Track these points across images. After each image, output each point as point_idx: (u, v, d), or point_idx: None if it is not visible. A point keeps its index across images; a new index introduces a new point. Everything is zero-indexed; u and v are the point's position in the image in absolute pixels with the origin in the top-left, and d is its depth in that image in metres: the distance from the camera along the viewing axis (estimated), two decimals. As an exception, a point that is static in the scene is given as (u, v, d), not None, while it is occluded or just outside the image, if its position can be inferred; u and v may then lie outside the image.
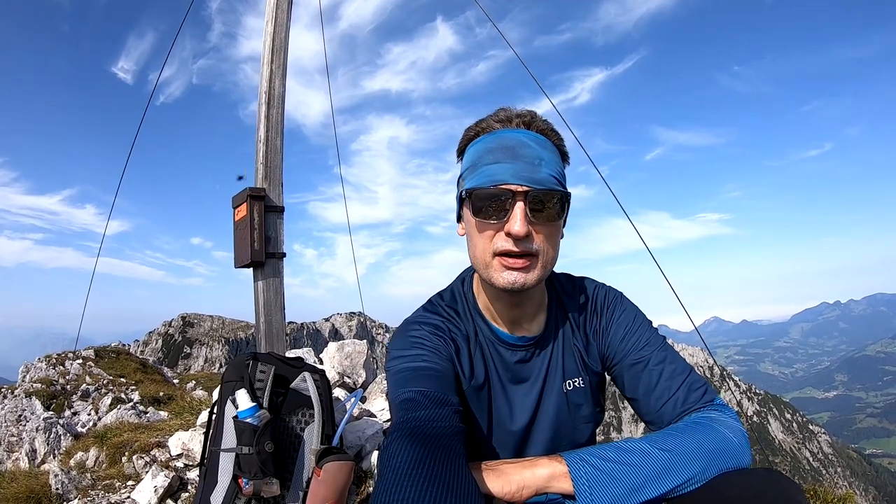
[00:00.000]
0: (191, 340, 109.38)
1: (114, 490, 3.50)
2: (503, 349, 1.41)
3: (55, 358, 11.56)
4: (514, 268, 1.22)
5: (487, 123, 1.30)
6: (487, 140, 1.26)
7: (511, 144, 1.22)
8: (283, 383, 2.31)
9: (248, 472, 2.03)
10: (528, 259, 1.22)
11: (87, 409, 8.57)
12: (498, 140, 1.24)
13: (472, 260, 1.31)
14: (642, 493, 1.07)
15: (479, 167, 1.23)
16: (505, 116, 1.29)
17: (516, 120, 1.28)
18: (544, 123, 1.29)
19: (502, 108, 1.32)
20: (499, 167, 1.20)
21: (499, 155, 1.22)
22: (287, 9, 3.94)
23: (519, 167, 1.19)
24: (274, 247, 3.59)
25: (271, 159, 3.70)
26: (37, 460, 6.54)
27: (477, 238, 1.26)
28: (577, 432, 1.46)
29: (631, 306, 1.48)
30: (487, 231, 1.23)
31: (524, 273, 1.22)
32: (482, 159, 1.24)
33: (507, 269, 1.22)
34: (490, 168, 1.21)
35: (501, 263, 1.22)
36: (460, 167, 1.35)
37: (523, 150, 1.21)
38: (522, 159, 1.20)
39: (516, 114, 1.29)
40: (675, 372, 1.33)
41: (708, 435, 1.17)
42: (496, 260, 1.23)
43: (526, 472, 1.11)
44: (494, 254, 1.23)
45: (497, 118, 1.29)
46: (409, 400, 1.14)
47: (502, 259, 1.22)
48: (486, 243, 1.24)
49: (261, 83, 3.80)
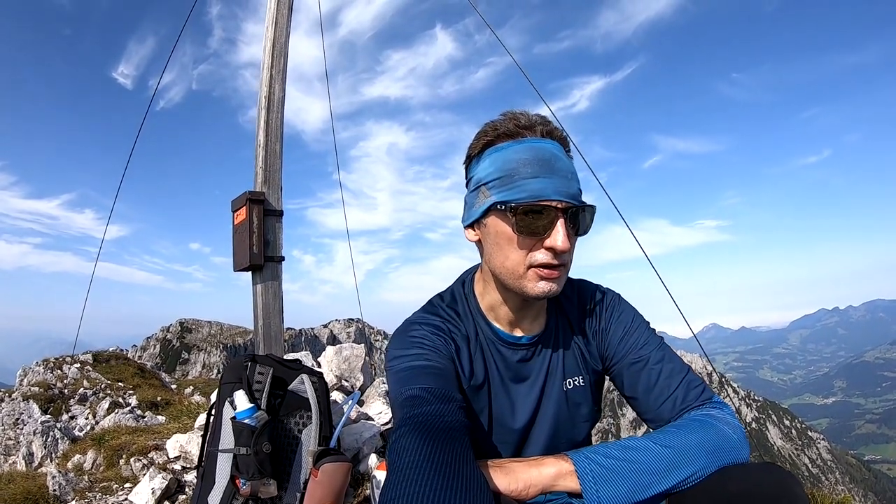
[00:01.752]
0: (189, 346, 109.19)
1: (111, 492, 3.50)
2: (504, 349, 1.42)
3: (53, 362, 11.52)
4: (549, 278, 1.24)
5: (510, 129, 1.27)
6: (519, 150, 1.24)
7: (546, 157, 1.22)
8: (282, 385, 2.32)
9: (245, 473, 2.04)
10: (559, 270, 1.24)
11: (84, 414, 8.55)
12: (532, 151, 1.22)
13: (500, 269, 1.30)
14: (648, 489, 1.09)
15: (518, 180, 1.21)
16: (527, 122, 1.27)
17: (539, 128, 1.26)
18: (559, 131, 1.29)
19: (520, 112, 1.30)
20: (540, 182, 1.19)
21: (537, 168, 1.20)
22: (287, 14, 3.96)
23: (557, 183, 1.20)
24: (273, 250, 3.60)
25: (271, 163, 3.71)
26: (34, 464, 6.53)
27: (511, 250, 1.25)
28: (575, 431, 1.47)
29: (629, 307, 1.50)
30: (525, 244, 1.23)
31: (556, 282, 1.25)
32: (519, 171, 1.21)
33: (542, 280, 1.24)
34: (531, 183, 1.20)
35: (537, 274, 1.24)
36: (478, 171, 1.31)
37: (558, 164, 1.22)
38: (559, 174, 1.21)
39: (537, 120, 1.28)
40: (674, 371, 1.35)
41: (708, 431, 1.19)
42: (531, 271, 1.24)
43: (533, 470, 1.12)
44: (529, 266, 1.24)
45: (520, 123, 1.27)
46: (414, 396, 1.14)
47: (538, 270, 1.23)
48: (521, 256, 1.24)
49: (260, 87, 3.82)
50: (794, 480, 1.06)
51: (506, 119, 1.29)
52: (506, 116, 1.30)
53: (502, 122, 1.29)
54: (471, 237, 1.37)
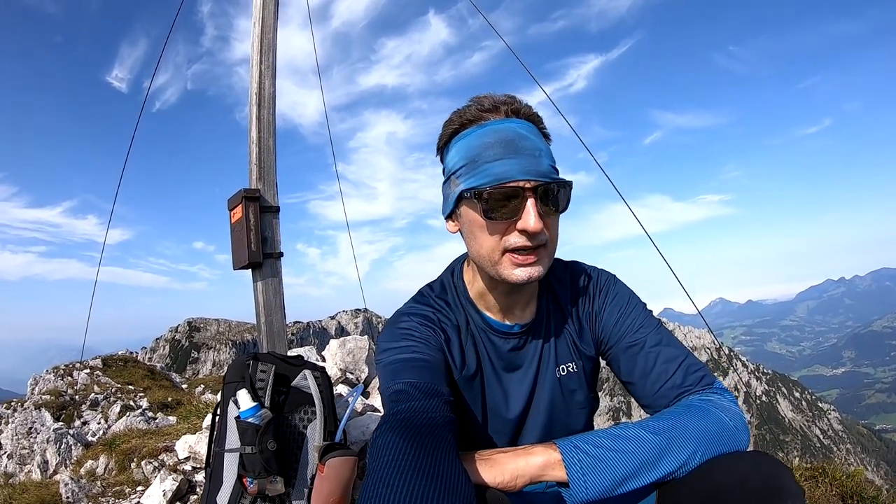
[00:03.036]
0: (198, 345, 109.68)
1: (124, 496, 3.52)
2: (496, 338, 1.40)
3: (63, 369, 11.60)
4: (525, 263, 1.21)
5: (472, 114, 1.25)
6: (481, 134, 1.21)
7: (510, 137, 1.18)
8: (285, 382, 2.32)
9: (252, 472, 2.04)
10: (538, 252, 1.21)
11: (96, 418, 8.61)
12: (494, 133, 1.20)
13: (477, 257, 1.28)
14: (637, 479, 1.08)
15: (481, 164, 1.19)
16: (490, 104, 1.24)
17: (504, 108, 1.24)
18: (528, 108, 1.26)
19: (483, 96, 1.27)
20: (504, 164, 1.16)
21: (500, 150, 1.17)
22: (273, 10, 3.93)
23: (523, 162, 1.16)
24: (271, 247, 3.59)
25: (264, 160, 3.69)
26: (49, 471, 6.58)
27: (483, 237, 1.23)
28: (571, 418, 1.46)
29: (624, 289, 1.46)
30: (497, 229, 1.20)
31: (535, 266, 1.22)
32: (482, 155, 1.19)
33: (519, 266, 1.21)
34: (494, 165, 1.17)
35: (512, 260, 1.21)
36: (447, 161, 1.30)
37: (523, 143, 1.18)
38: (524, 153, 1.17)
39: (502, 101, 1.25)
40: (672, 354, 1.32)
41: (704, 418, 1.17)
42: (506, 256, 1.22)
43: (520, 460, 1.11)
44: (504, 251, 1.21)
45: (482, 107, 1.24)
46: (399, 392, 1.13)
47: (513, 255, 1.21)
48: (494, 242, 1.21)
49: (251, 84, 3.80)
50: (784, 471, 1.04)
51: (470, 105, 1.27)
52: (471, 102, 1.28)
53: (467, 109, 1.27)
54: (451, 229, 1.34)
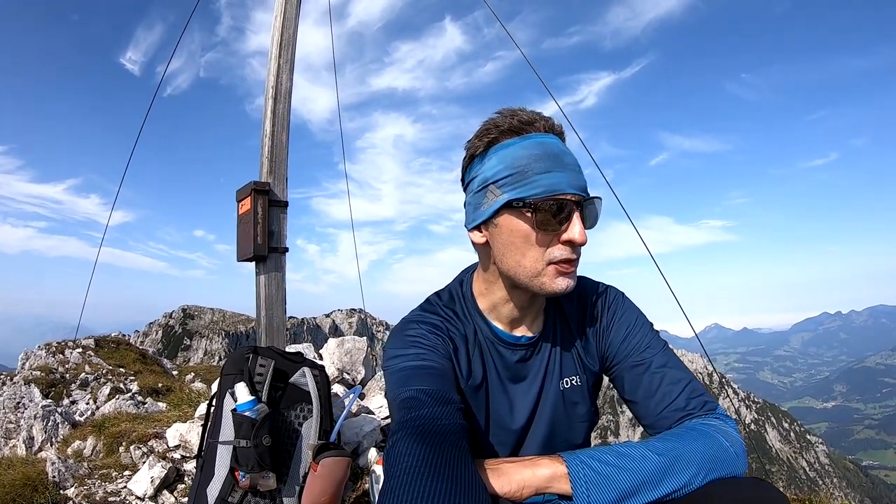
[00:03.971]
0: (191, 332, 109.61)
1: (110, 479, 3.50)
2: (503, 349, 1.40)
3: (55, 346, 11.56)
4: (566, 273, 1.24)
5: (514, 126, 1.25)
6: (527, 146, 1.22)
7: (555, 151, 1.21)
8: (283, 378, 2.31)
9: (245, 466, 2.03)
10: (577, 262, 1.26)
11: (85, 399, 8.58)
12: (541, 147, 1.21)
13: (515, 268, 1.27)
14: (639, 497, 1.08)
15: (530, 176, 1.19)
16: (528, 118, 1.25)
17: (540, 122, 1.25)
18: (559, 125, 1.29)
19: (518, 109, 1.28)
20: (554, 177, 1.19)
21: (549, 163, 1.19)
22: (296, 4, 3.93)
23: (570, 176, 1.19)
24: (277, 241, 3.58)
25: (276, 154, 3.69)
26: (34, 448, 6.56)
27: (527, 248, 1.23)
28: (572, 431, 1.46)
29: (632, 307, 1.47)
30: (543, 241, 1.22)
31: (573, 277, 1.25)
32: (531, 167, 1.20)
33: (561, 275, 1.23)
34: (545, 178, 1.19)
35: (557, 270, 1.23)
36: (484, 170, 1.28)
37: (567, 159, 1.22)
38: (569, 167, 1.20)
39: (537, 116, 1.27)
40: (677, 377, 1.32)
41: (705, 442, 1.17)
42: (551, 268, 1.23)
43: (527, 471, 1.11)
44: (549, 262, 1.23)
45: (521, 119, 1.25)
46: (411, 398, 1.13)
47: (559, 266, 1.23)
48: (539, 253, 1.23)
49: (268, 78, 3.80)
50: (782, 498, 1.04)
51: (506, 116, 1.27)
52: (504, 113, 1.28)
53: (504, 119, 1.27)
54: (477, 239, 1.33)
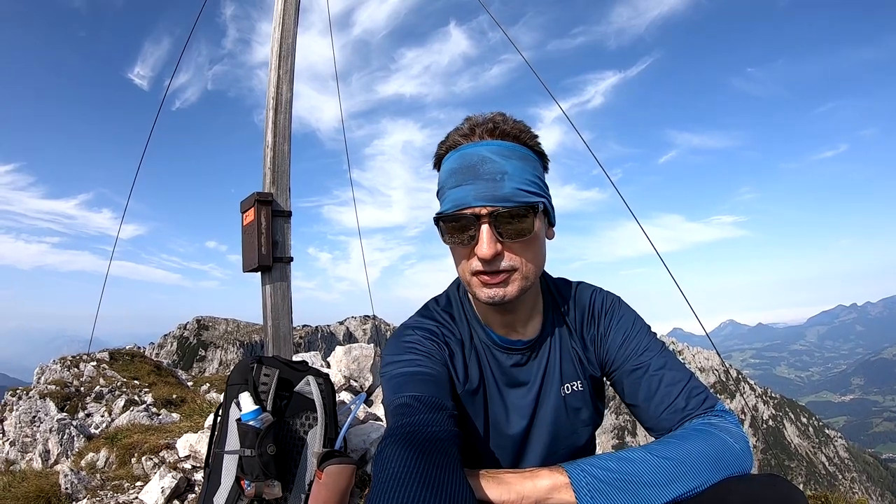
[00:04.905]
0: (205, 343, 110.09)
1: (122, 490, 3.54)
2: (499, 353, 1.40)
3: (70, 360, 11.65)
4: (492, 283, 1.21)
5: (453, 139, 1.26)
6: (452, 159, 1.23)
7: (473, 162, 1.19)
8: (288, 387, 2.33)
9: (250, 474, 2.05)
10: (505, 274, 1.21)
11: (100, 411, 8.64)
12: (459, 160, 1.21)
13: (460, 278, 1.32)
14: (645, 503, 1.06)
15: (445, 191, 1.22)
16: (468, 128, 1.25)
17: (479, 130, 1.23)
18: (512, 126, 1.24)
19: (468, 118, 1.28)
20: (461, 190, 1.18)
21: (460, 177, 1.19)
22: (294, 15, 3.96)
23: (480, 187, 1.16)
24: (281, 251, 3.61)
25: (278, 164, 3.72)
26: (50, 461, 6.62)
27: (456, 260, 1.27)
28: (575, 436, 1.45)
29: (629, 311, 1.46)
30: (462, 254, 1.23)
31: (503, 287, 1.22)
32: (447, 182, 1.22)
33: (485, 286, 1.22)
34: (453, 192, 1.20)
35: (481, 280, 1.22)
36: None
37: (484, 167, 1.18)
38: (483, 177, 1.17)
39: (480, 122, 1.25)
40: (676, 378, 1.31)
41: (709, 441, 1.16)
42: (475, 278, 1.23)
43: (527, 482, 1.09)
44: (472, 273, 1.23)
45: (461, 132, 1.25)
46: (404, 405, 1.13)
47: (480, 277, 1.22)
48: (464, 265, 1.24)
49: (268, 89, 3.83)
50: (798, 494, 1.04)
51: (455, 129, 1.28)
52: (458, 125, 1.29)
53: (450, 134, 1.28)
54: None
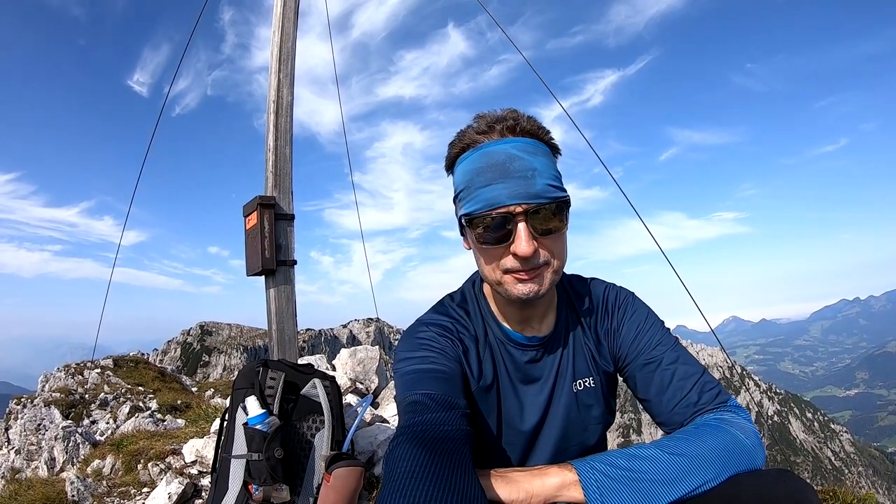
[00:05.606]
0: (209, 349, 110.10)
1: (129, 497, 3.53)
2: (513, 349, 1.41)
3: (74, 367, 11.68)
4: (527, 280, 1.22)
5: (470, 137, 1.26)
6: (475, 158, 1.22)
7: (500, 160, 1.19)
8: (294, 390, 2.32)
9: (258, 479, 2.04)
10: (538, 269, 1.22)
11: (105, 418, 8.66)
12: (485, 158, 1.20)
13: (484, 277, 1.31)
14: (655, 499, 1.06)
15: (473, 190, 1.21)
16: (486, 125, 1.25)
17: (499, 127, 1.23)
18: (529, 122, 1.25)
19: (480, 115, 1.28)
20: (492, 189, 1.17)
21: (490, 175, 1.18)
22: (293, 18, 3.95)
23: (512, 185, 1.16)
24: (285, 255, 3.60)
25: (280, 168, 3.71)
26: (55, 468, 6.62)
27: (485, 259, 1.26)
28: (586, 433, 1.45)
29: (642, 306, 1.47)
30: (494, 254, 1.22)
31: (537, 283, 1.22)
32: (474, 181, 1.21)
33: (520, 282, 1.22)
34: (484, 191, 1.18)
35: (515, 278, 1.22)
36: (453, 185, 1.32)
37: (514, 165, 1.18)
38: (514, 175, 1.17)
39: (497, 118, 1.25)
40: (688, 372, 1.31)
41: (720, 437, 1.16)
42: (507, 276, 1.23)
43: (536, 480, 1.10)
44: (504, 271, 1.23)
45: (478, 129, 1.25)
46: (416, 402, 1.14)
47: (514, 274, 1.22)
48: (494, 264, 1.24)
49: (269, 93, 3.82)
50: (808, 489, 1.04)
51: (469, 127, 1.28)
52: (471, 121, 1.29)
53: (466, 131, 1.28)
54: (465, 246, 1.36)
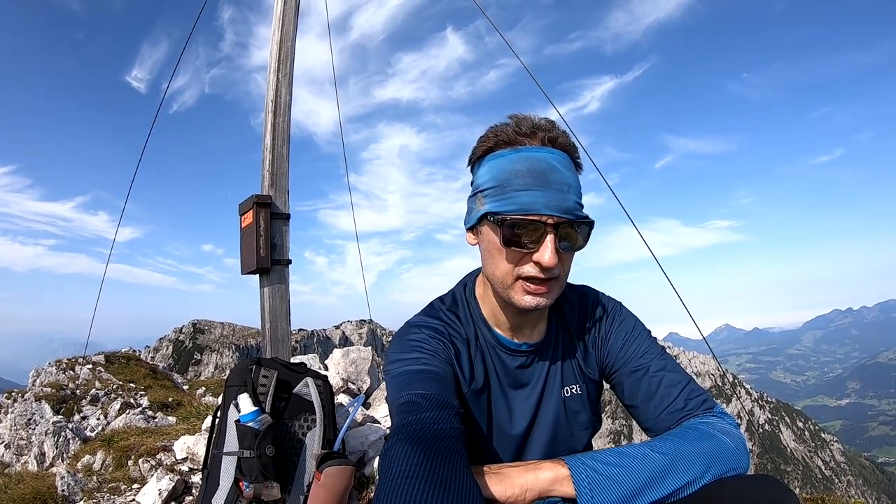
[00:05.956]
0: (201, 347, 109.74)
1: (119, 493, 3.53)
2: (504, 354, 1.42)
3: (65, 363, 11.62)
4: (536, 293, 1.22)
5: (510, 136, 1.24)
6: (515, 159, 1.21)
7: (542, 168, 1.18)
8: (286, 388, 2.34)
9: (248, 476, 2.06)
10: (549, 283, 1.23)
11: (96, 414, 8.63)
12: (527, 162, 1.20)
13: (490, 277, 1.30)
14: (643, 495, 1.08)
15: (509, 191, 1.19)
16: (529, 129, 1.24)
17: (541, 135, 1.23)
18: (565, 138, 1.26)
19: (522, 118, 1.27)
20: (531, 195, 1.17)
21: (529, 180, 1.18)
22: (293, 18, 3.97)
23: (550, 196, 1.17)
24: (279, 254, 3.61)
25: (277, 167, 3.72)
26: (45, 464, 6.60)
27: (499, 260, 1.24)
28: (574, 439, 1.47)
29: (630, 315, 1.49)
30: (515, 257, 1.22)
31: (544, 297, 1.23)
32: (511, 182, 1.20)
33: (529, 294, 1.23)
34: (522, 195, 1.18)
35: (524, 287, 1.23)
36: (477, 176, 1.30)
37: (553, 176, 1.18)
38: (553, 186, 1.17)
39: (539, 126, 1.25)
40: (675, 380, 1.34)
41: (706, 439, 1.19)
42: (519, 283, 1.23)
43: (529, 475, 1.12)
44: (518, 277, 1.23)
45: (520, 131, 1.24)
46: (410, 402, 1.14)
47: (525, 283, 1.22)
48: (509, 268, 1.23)
49: (267, 92, 3.83)
50: (790, 495, 1.06)
51: (508, 125, 1.27)
52: (510, 121, 1.28)
53: (503, 128, 1.26)
54: (470, 241, 1.36)
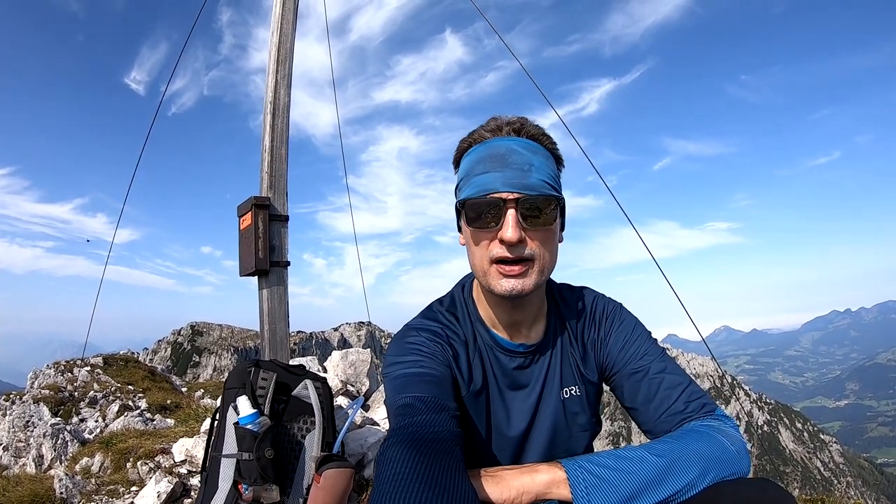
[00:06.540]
0: (200, 349, 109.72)
1: (118, 495, 3.52)
2: (502, 355, 1.42)
3: (64, 365, 11.61)
4: (510, 275, 1.24)
5: (479, 134, 1.32)
6: (479, 150, 1.28)
7: (501, 152, 1.24)
8: (285, 390, 2.33)
9: (248, 478, 2.05)
10: (524, 265, 1.24)
11: (94, 416, 8.61)
12: (489, 149, 1.26)
13: (472, 268, 1.33)
14: (639, 499, 1.08)
15: (472, 177, 1.26)
16: (495, 125, 1.31)
17: (506, 128, 1.30)
18: (535, 128, 1.31)
19: (493, 118, 1.34)
20: (489, 176, 1.22)
21: (489, 164, 1.24)
22: (292, 20, 3.97)
23: (509, 174, 1.21)
24: (278, 256, 3.60)
25: (276, 168, 3.72)
26: (43, 466, 6.58)
27: (474, 247, 1.29)
28: (572, 441, 1.47)
29: (630, 317, 1.49)
30: (483, 240, 1.25)
31: (521, 279, 1.24)
32: (474, 169, 1.26)
33: (505, 277, 1.24)
34: (481, 178, 1.23)
35: (498, 271, 1.24)
36: (457, 178, 1.36)
37: (513, 157, 1.23)
38: (512, 166, 1.22)
39: (506, 121, 1.32)
40: (675, 382, 1.34)
41: (705, 442, 1.18)
42: (493, 267, 1.25)
43: (525, 478, 1.12)
44: (491, 261, 1.25)
45: (488, 128, 1.32)
46: (407, 405, 1.14)
47: (499, 266, 1.24)
48: (482, 251, 1.26)
49: (266, 93, 3.83)
50: (788, 498, 1.06)
51: (482, 125, 1.34)
52: (484, 123, 1.35)
53: (476, 130, 1.34)
54: (461, 242, 1.39)
